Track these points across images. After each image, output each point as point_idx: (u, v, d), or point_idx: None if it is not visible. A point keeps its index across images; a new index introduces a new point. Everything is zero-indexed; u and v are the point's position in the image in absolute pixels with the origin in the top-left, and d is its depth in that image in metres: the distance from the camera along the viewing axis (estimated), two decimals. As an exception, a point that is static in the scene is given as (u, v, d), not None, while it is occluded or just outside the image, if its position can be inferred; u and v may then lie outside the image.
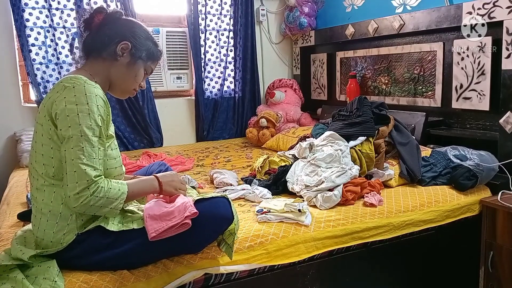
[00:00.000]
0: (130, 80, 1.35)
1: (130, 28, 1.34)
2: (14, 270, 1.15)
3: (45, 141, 1.19)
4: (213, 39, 3.39)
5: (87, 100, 1.16)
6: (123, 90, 1.38)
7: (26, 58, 2.76)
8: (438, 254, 1.89)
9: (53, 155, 1.19)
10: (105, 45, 1.30)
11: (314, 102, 3.60)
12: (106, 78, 1.32)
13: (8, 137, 2.84)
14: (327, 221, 1.62)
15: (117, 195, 1.19)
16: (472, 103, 2.29)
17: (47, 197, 1.20)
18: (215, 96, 3.44)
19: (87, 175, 1.13)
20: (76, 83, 1.17)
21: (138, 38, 1.34)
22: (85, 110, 1.15)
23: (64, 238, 1.20)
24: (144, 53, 1.35)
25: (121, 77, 1.34)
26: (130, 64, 1.33)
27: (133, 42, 1.32)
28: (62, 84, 1.18)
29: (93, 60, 1.32)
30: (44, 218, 1.21)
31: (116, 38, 1.30)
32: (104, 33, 1.30)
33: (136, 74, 1.35)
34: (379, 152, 2.05)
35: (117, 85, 1.35)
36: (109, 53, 1.30)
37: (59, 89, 1.18)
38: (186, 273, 1.33)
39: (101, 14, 1.31)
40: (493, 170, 1.99)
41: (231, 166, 2.55)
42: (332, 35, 3.25)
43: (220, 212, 1.31)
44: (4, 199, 2.07)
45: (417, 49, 2.61)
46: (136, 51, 1.33)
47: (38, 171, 1.21)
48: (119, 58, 1.31)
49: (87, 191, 1.13)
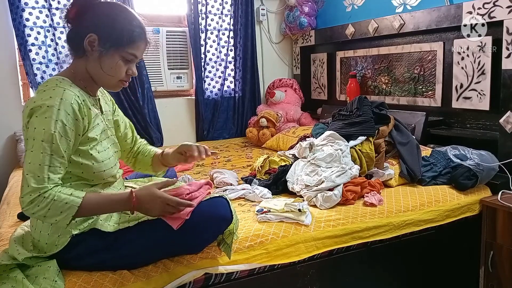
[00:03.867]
0: (106, 74, 1.23)
1: (101, 15, 1.21)
2: (14, 270, 1.15)
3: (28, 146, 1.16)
4: (213, 39, 3.39)
5: (52, 105, 1.10)
6: (107, 85, 1.27)
7: (25, 58, 2.76)
8: (438, 253, 1.89)
9: None
10: (77, 42, 1.20)
11: (314, 101, 3.60)
12: (86, 75, 1.24)
13: (8, 137, 2.84)
14: (327, 221, 1.62)
15: (63, 208, 1.09)
16: (472, 102, 2.29)
17: None
18: (215, 96, 3.44)
19: (27, 182, 1.07)
20: (48, 87, 1.14)
21: (104, 25, 1.20)
22: (47, 115, 1.09)
23: (59, 240, 1.19)
24: (115, 40, 1.19)
25: (98, 72, 1.22)
26: (101, 57, 1.20)
27: (98, 32, 1.18)
28: (39, 87, 1.16)
29: (75, 58, 1.25)
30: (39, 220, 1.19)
31: (83, 32, 1.19)
32: (78, 26, 1.21)
33: (111, 66, 1.21)
34: (379, 151, 2.05)
35: (98, 80, 1.25)
36: (82, 50, 1.21)
37: (36, 92, 1.16)
38: (186, 273, 1.33)
39: (75, 7, 1.21)
40: (493, 170, 1.99)
41: (231, 166, 2.55)
42: (332, 34, 3.25)
43: (219, 212, 1.31)
44: (4, 199, 2.07)
45: (417, 49, 2.61)
46: (105, 42, 1.19)
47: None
48: (88, 54, 1.20)
49: (27, 197, 1.07)
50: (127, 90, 3.02)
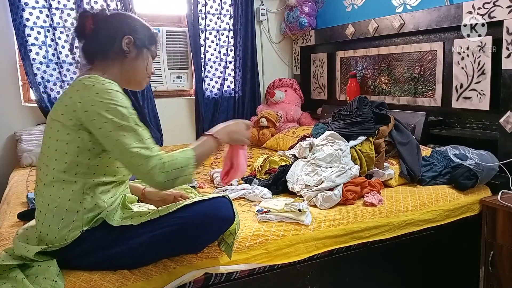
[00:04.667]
0: (143, 71, 1.39)
1: (124, 21, 1.35)
2: (14, 270, 1.15)
3: (61, 137, 1.20)
4: (213, 39, 3.39)
5: (111, 96, 1.18)
6: (139, 82, 1.41)
7: (25, 58, 2.76)
8: (438, 253, 1.89)
9: (67, 150, 1.20)
10: (109, 46, 1.31)
11: (314, 101, 3.60)
12: (119, 76, 1.33)
13: (8, 137, 2.84)
14: (327, 221, 1.62)
15: (184, 163, 1.22)
16: (472, 102, 2.29)
17: (55, 193, 1.21)
18: (215, 95, 3.44)
19: (143, 156, 1.16)
20: (96, 82, 1.20)
21: (135, 28, 1.35)
22: (112, 105, 1.17)
23: (69, 234, 1.20)
24: (147, 40, 1.37)
25: (134, 71, 1.37)
26: (138, 56, 1.35)
27: (133, 34, 1.33)
28: (81, 83, 1.20)
29: (101, 62, 1.33)
30: (50, 213, 1.21)
31: (117, 35, 1.31)
32: (103, 35, 1.31)
33: (147, 63, 1.39)
34: (379, 151, 2.05)
35: (132, 79, 1.38)
36: (115, 52, 1.32)
37: (79, 88, 1.20)
38: (186, 273, 1.33)
39: (90, 18, 1.31)
40: (493, 170, 1.99)
41: (231, 166, 2.55)
42: (332, 34, 3.25)
43: (221, 213, 1.31)
44: (4, 199, 2.07)
45: (417, 49, 2.61)
46: (139, 42, 1.35)
47: (49, 166, 1.22)
48: (127, 54, 1.33)
49: (153, 170, 1.16)
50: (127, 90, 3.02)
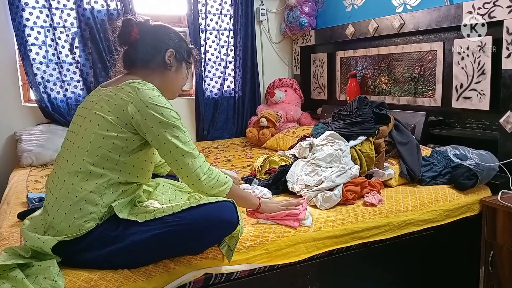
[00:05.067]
0: (180, 83, 1.48)
1: (167, 34, 1.43)
2: (14, 270, 1.15)
3: (100, 131, 1.25)
4: (213, 39, 3.39)
5: (162, 101, 1.29)
6: (173, 93, 1.48)
7: (25, 58, 2.76)
8: (438, 253, 1.89)
9: (101, 144, 1.24)
10: (152, 56, 1.38)
11: (314, 101, 3.60)
12: (157, 85, 1.36)
13: (8, 137, 2.84)
14: (327, 221, 1.62)
15: (225, 181, 1.36)
16: (472, 102, 2.29)
17: (77, 183, 1.23)
18: (215, 95, 3.44)
19: (192, 155, 1.30)
20: (147, 87, 1.29)
21: (176, 42, 1.43)
22: (164, 108, 1.27)
23: (85, 225, 1.21)
24: (185, 55, 1.45)
25: (173, 82, 1.44)
26: (178, 69, 1.44)
27: (175, 48, 1.41)
28: (133, 86, 1.28)
29: (140, 70, 1.39)
30: (68, 201, 1.22)
31: (161, 48, 1.39)
32: (147, 44, 1.38)
33: (184, 76, 1.48)
34: (379, 151, 2.05)
35: (169, 89, 1.44)
36: (157, 63, 1.39)
37: (131, 90, 1.27)
38: (187, 273, 1.33)
39: (136, 27, 1.37)
40: (493, 170, 1.99)
41: (231, 166, 2.55)
42: (332, 34, 3.25)
43: (225, 216, 1.30)
44: (4, 199, 2.07)
45: (417, 49, 2.61)
46: (179, 56, 1.43)
47: (78, 156, 1.25)
48: (169, 67, 1.41)
49: (199, 170, 1.30)
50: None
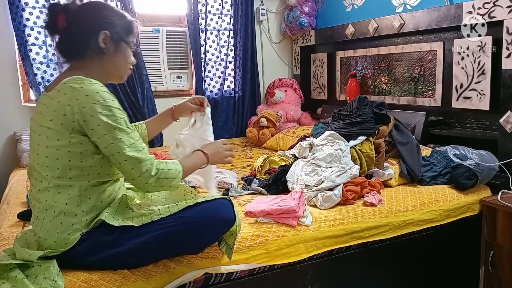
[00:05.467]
0: (123, 64, 1.34)
1: (97, 14, 1.27)
2: (14, 270, 1.15)
3: (51, 143, 1.18)
4: (213, 39, 3.39)
5: (102, 97, 1.16)
6: (120, 76, 1.36)
7: (25, 58, 2.76)
8: (438, 253, 1.89)
9: (58, 156, 1.18)
10: (85, 43, 1.25)
11: (314, 101, 3.60)
12: (101, 72, 1.29)
13: (8, 136, 2.84)
14: (327, 221, 1.62)
15: (175, 175, 1.27)
16: (472, 102, 2.29)
17: (51, 197, 1.20)
18: (215, 95, 3.44)
19: (137, 159, 1.19)
20: (83, 83, 1.17)
21: (109, 20, 1.27)
22: (105, 106, 1.16)
23: (69, 238, 1.19)
24: (123, 32, 1.30)
25: (115, 66, 1.31)
26: (117, 50, 1.29)
27: (108, 28, 1.26)
28: (68, 86, 1.17)
29: (79, 60, 1.27)
30: (48, 218, 1.20)
31: (92, 31, 1.25)
32: (77, 31, 1.24)
33: (126, 56, 1.33)
34: (379, 151, 2.05)
35: (113, 74, 1.33)
36: (92, 49, 1.25)
37: (66, 91, 1.16)
38: (186, 273, 1.33)
39: (61, 13, 1.24)
40: (493, 170, 1.99)
41: (231, 166, 2.55)
42: (332, 34, 3.25)
43: (222, 214, 1.31)
44: (4, 199, 2.07)
45: (417, 49, 2.61)
46: (116, 36, 1.28)
47: (42, 173, 1.20)
48: (105, 51, 1.27)
49: (145, 174, 1.20)
50: (127, 90, 3.02)
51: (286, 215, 1.55)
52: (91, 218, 1.23)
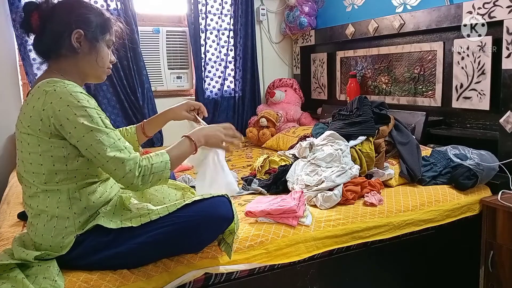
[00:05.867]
0: (101, 63, 1.29)
1: (71, 13, 1.23)
2: (14, 270, 1.15)
3: (33, 149, 1.17)
4: (213, 39, 3.39)
5: (76, 98, 1.13)
6: (97, 76, 1.32)
7: (25, 58, 2.76)
8: (438, 253, 1.89)
9: (42, 162, 1.17)
10: (58, 43, 1.22)
11: (314, 101, 3.60)
12: (76, 72, 1.26)
13: (8, 137, 2.84)
14: (327, 221, 1.62)
15: (162, 167, 1.23)
16: (472, 102, 2.29)
17: (41, 202, 1.19)
18: (215, 95, 3.44)
19: (119, 159, 1.15)
20: (56, 86, 1.14)
21: (84, 19, 1.23)
22: (79, 108, 1.13)
23: (64, 241, 1.19)
24: (98, 31, 1.26)
25: (90, 66, 1.27)
26: (91, 50, 1.26)
27: (82, 26, 1.22)
28: (41, 90, 1.14)
29: (55, 60, 1.26)
30: (41, 223, 1.20)
31: (65, 31, 1.21)
32: (50, 30, 1.22)
33: (102, 55, 1.28)
34: (379, 151, 2.05)
35: (90, 74, 1.30)
36: (66, 49, 1.23)
37: (39, 95, 1.14)
38: (186, 273, 1.33)
39: (35, 12, 1.21)
40: (493, 170, 1.99)
41: (231, 166, 2.55)
42: (332, 34, 3.25)
43: (220, 212, 1.30)
44: (4, 199, 2.07)
45: (417, 49, 2.61)
46: (90, 34, 1.24)
47: (29, 180, 1.20)
48: (79, 50, 1.23)
49: (129, 174, 1.16)
50: (127, 90, 3.03)
51: (286, 215, 1.55)
52: (84, 220, 1.22)
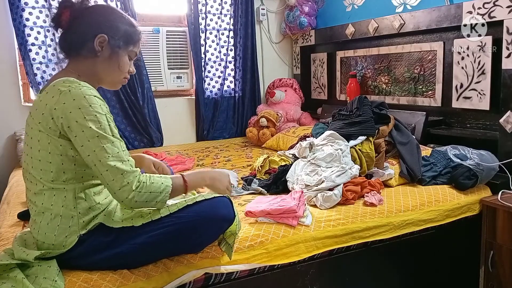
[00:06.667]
0: (116, 72, 1.30)
1: (101, 17, 1.27)
2: (14, 270, 1.15)
3: (42, 147, 1.17)
4: (213, 39, 3.39)
5: (89, 102, 1.14)
6: (112, 83, 1.34)
7: (25, 58, 2.76)
8: (438, 253, 1.89)
9: (51, 160, 1.17)
10: (82, 42, 1.24)
11: (314, 101, 3.60)
12: (92, 75, 1.28)
13: (8, 136, 2.84)
14: (327, 221, 1.62)
15: (161, 188, 1.20)
16: (472, 102, 2.29)
17: (46, 200, 1.19)
18: (215, 95, 3.44)
19: (119, 170, 1.14)
20: (71, 87, 1.15)
21: (112, 25, 1.26)
22: (90, 112, 1.13)
23: (67, 240, 1.19)
24: (122, 40, 1.28)
25: (106, 71, 1.29)
26: (112, 56, 1.27)
27: (108, 32, 1.25)
28: (56, 88, 1.16)
29: (75, 59, 1.27)
30: (45, 221, 1.19)
31: (90, 33, 1.24)
32: (77, 29, 1.24)
33: (119, 64, 1.29)
34: (379, 151, 2.05)
35: (105, 79, 1.31)
36: (88, 50, 1.25)
37: (54, 94, 1.15)
38: (186, 273, 1.33)
39: (67, 9, 1.24)
40: (493, 170, 1.99)
41: (231, 166, 2.55)
42: (332, 34, 3.25)
43: (221, 212, 1.31)
44: (4, 199, 2.07)
45: (417, 49, 2.61)
46: (114, 41, 1.26)
47: (36, 177, 1.20)
48: (99, 54, 1.25)
49: (126, 187, 1.14)
50: (127, 90, 3.03)
51: (286, 215, 1.55)
52: (88, 220, 1.22)
